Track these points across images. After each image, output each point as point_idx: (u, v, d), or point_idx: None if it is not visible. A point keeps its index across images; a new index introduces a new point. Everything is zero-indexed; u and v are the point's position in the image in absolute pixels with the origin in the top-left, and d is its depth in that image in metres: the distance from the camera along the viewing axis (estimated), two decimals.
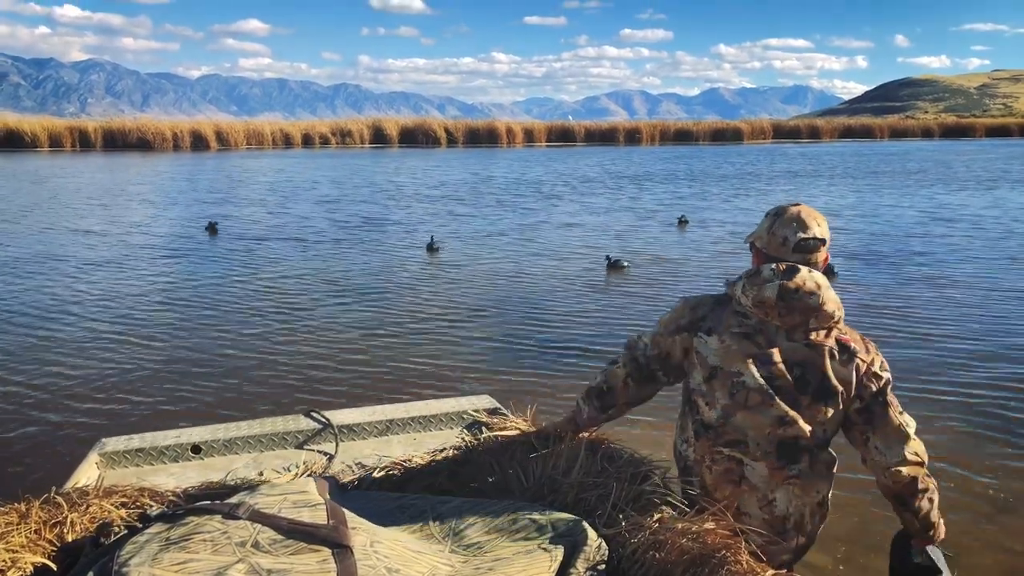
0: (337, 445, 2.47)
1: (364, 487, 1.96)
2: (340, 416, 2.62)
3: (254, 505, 1.50)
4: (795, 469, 1.79)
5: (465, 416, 2.66)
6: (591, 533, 1.61)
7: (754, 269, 1.84)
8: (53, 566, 1.50)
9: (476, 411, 2.65)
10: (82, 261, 9.47)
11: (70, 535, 1.59)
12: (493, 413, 2.61)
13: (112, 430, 3.87)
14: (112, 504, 1.72)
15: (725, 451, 1.81)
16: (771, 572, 1.46)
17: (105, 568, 1.37)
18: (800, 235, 1.82)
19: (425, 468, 2.01)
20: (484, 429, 2.29)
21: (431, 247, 10.20)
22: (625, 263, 8.88)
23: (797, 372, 1.77)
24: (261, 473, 2.21)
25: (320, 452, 2.44)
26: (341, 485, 1.88)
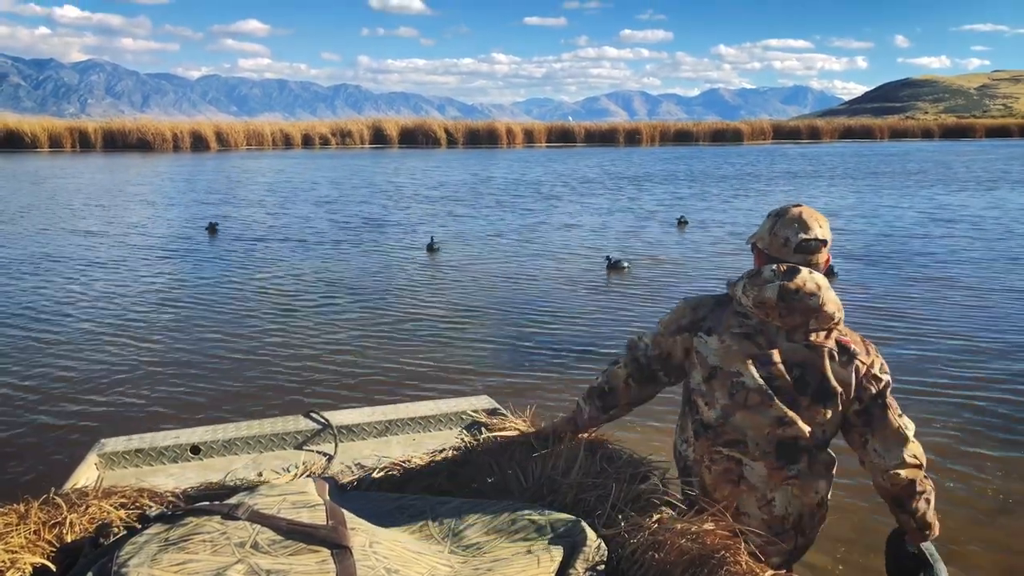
0: (336, 446, 2.47)
1: (363, 488, 1.95)
2: (339, 417, 2.62)
3: (253, 506, 1.50)
4: (794, 469, 1.79)
5: (464, 417, 2.66)
6: (590, 534, 1.61)
7: (755, 270, 1.84)
8: (52, 567, 1.50)
9: (475, 411, 2.65)
10: (82, 262, 9.48)
11: (69, 536, 1.59)
12: (492, 414, 2.61)
13: (111, 431, 3.87)
14: (111, 505, 1.71)
15: (724, 451, 1.81)
16: (770, 572, 1.46)
17: (104, 569, 1.37)
18: (801, 236, 1.82)
19: (424, 469, 2.01)
20: (483, 430, 2.28)
21: (431, 247, 10.20)
22: (625, 264, 8.88)
23: (797, 373, 1.77)
24: (260, 474, 2.21)
25: (319, 453, 2.44)
26: (340, 486, 1.88)
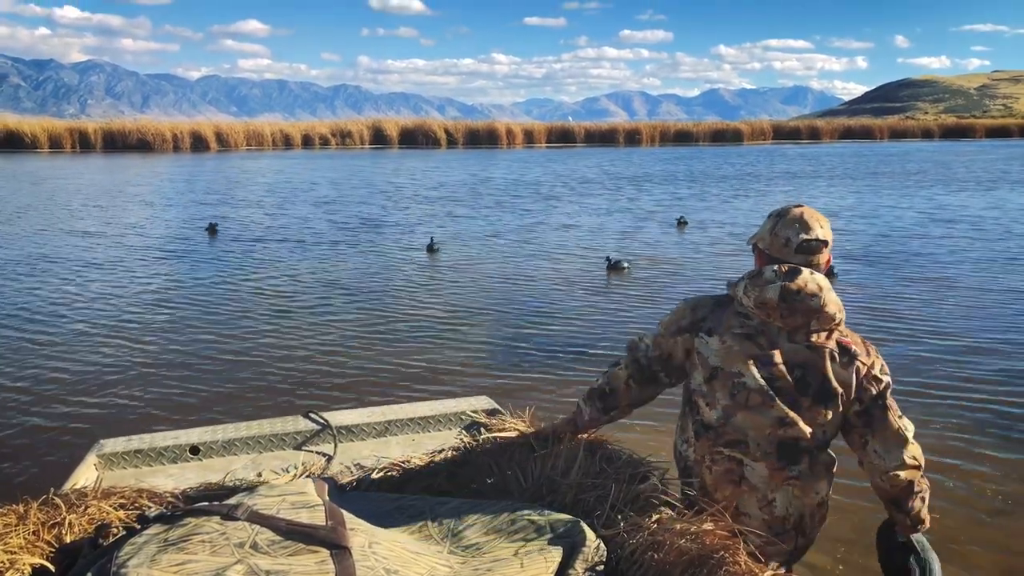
0: (336, 446, 2.47)
1: (363, 488, 1.95)
2: (339, 417, 2.62)
3: (252, 506, 1.50)
4: (795, 470, 1.79)
5: (464, 417, 2.66)
6: (589, 534, 1.61)
7: (756, 270, 1.84)
8: (51, 567, 1.50)
9: (475, 412, 2.65)
10: (81, 263, 9.48)
11: (68, 536, 1.59)
12: (492, 414, 2.61)
13: (111, 431, 3.86)
14: (110, 505, 1.71)
15: (725, 451, 1.81)
16: (769, 573, 1.46)
17: (103, 569, 1.37)
18: (802, 236, 1.81)
19: (424, 469, 2.01)
20: (483, 430, 2.28)
21: (431, 248, 10.20)
22: (625, 264, 8.88)
23: (798, 374, 1.77)
24: (260, 474, 2.21)
25: (319, 453, 2.44)
26: (340, 486, 1.88)
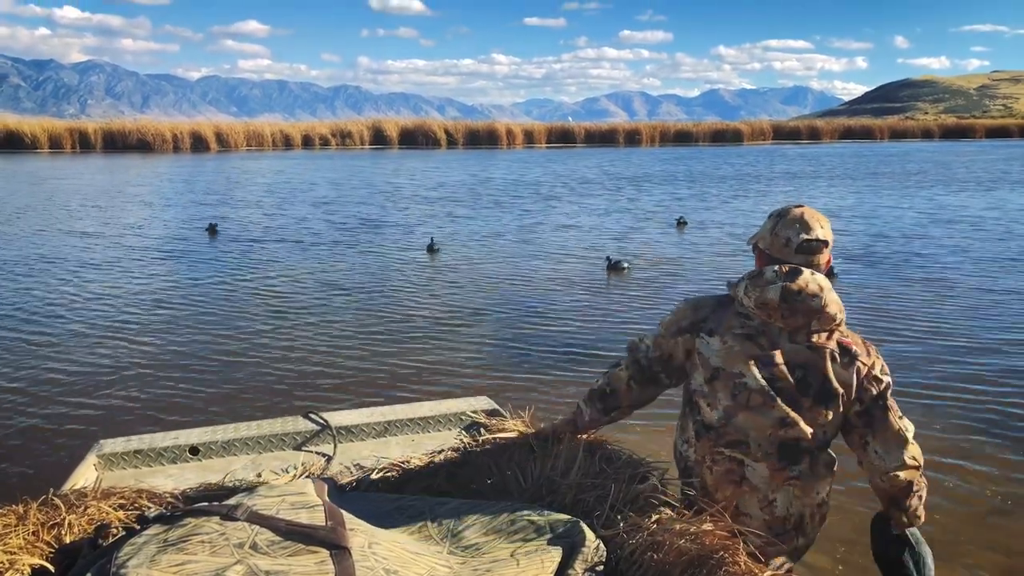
0: (335, 446, 2.47)
1: (362, 488, 1.95)
2: (338, 417, 2.62)
3: (252, 506, 1.50)
4: (796, 470, 1.80)
5: (463, 417, 2.66)
6: (589, 534, 1.61)
7: (757, 271, 1.83)
8: (51, 568, 1.49)
9: (474, 412, 2.65)
10: (80, 263, 9.48)
11: (68, 537, 1.59)
12: (491, 414, 2.61)
13: (110, 432, 3.86)
14: (110, 506, 1.71)
15: (726, 452, 1.81)
16: (769, 573, 1.46)
17: (103, 570, 1.37)
18: (803, 236, 1.81)
19: (423, 469, 2.01)
20: (482, 430, 2.28)
21: (431, 248, 10.21)
22: (625, 264, 8.88)
23: (799, 374, 1.77)
24: (259, 474, 2.20)
25: (318, 453, 2.44)
26: (339, 486, 1.88)
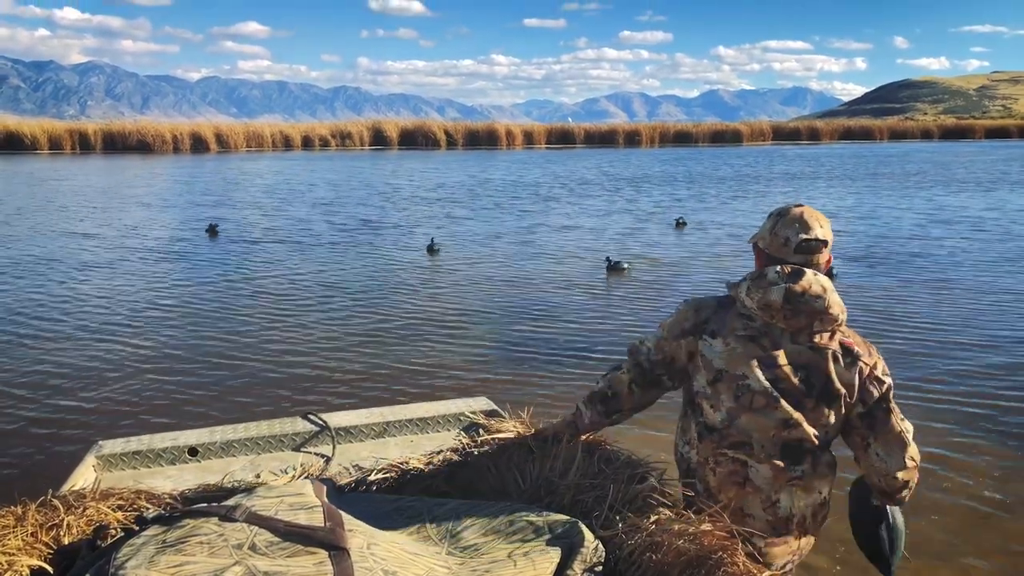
0: (334, 447, 2.47)
1: (361, 489, 1.95)
2: (337, 418, 2.62)
3: (251, 507, 1.50)
4: (798, 470, 1.80)
5: (462, 418, 2.66)
6: (588, 535, 1.61)
7: (758, 272, 1.82)
8: (50, 569, 1.49)
9: (473, 413, 2.65)
10: (80, 264, 9.48)
11: (67, 538, 1.59)
12: (490, 415, 2.60)
13: (109, 433, 3.86)
14: (109, 507, 1.71)
15: (730, 453, 1.81)
16: (768, 573, 1.46)
17: (102, 571, 1.37)
18: (802, 236, 1.81)
19: (422, 470, 2.00)
20: (481, 431, 2.28)
21: (431, 248, 10.21)
22: (625, 265, 8.89)
23: (801, 375, 1.77)
24: (258, 475, 2.20)
25: (317, 454, 2.44)
26: (338, 487, 1.88)
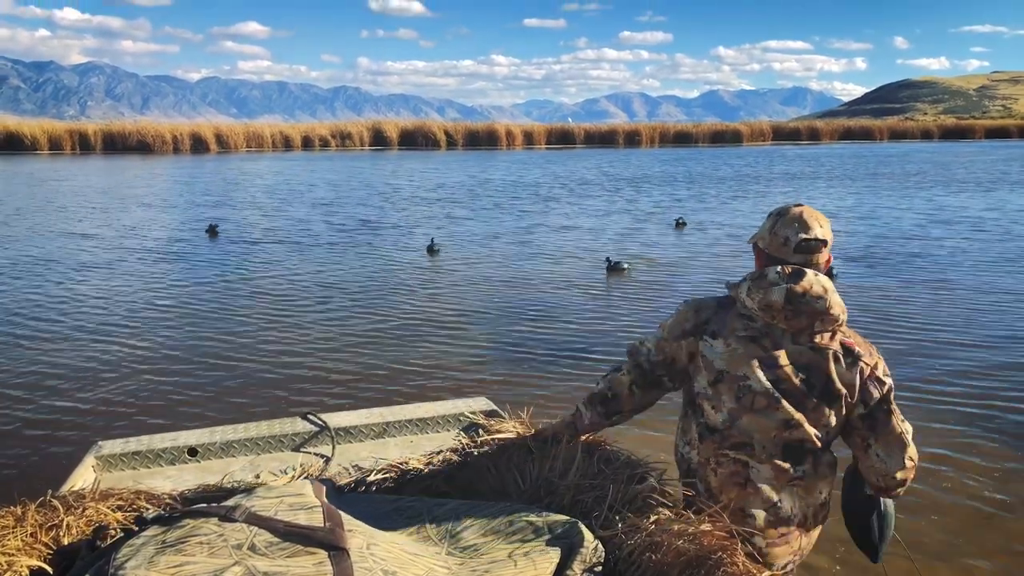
0: (334, 448, 2.47)
1: (361, 489, 1.95)
2: (337, 419, 2.62)
3: (250, 508, 1.50)
4: (799, 471, 1.80)
5: (462, 418, 2.66)
6: (587, 535, 1.61)
7: (758, 272, 1.82)
8: (49, 569, 1.49)
9: (473, 413, 2.65)
10: (79, 264, 9.48)
11: (66, 538, 1.59)
12: (490, 415, 2.60)
13: (108, 433, 3.87)
14: (108, 507, 1.71)
15: (731, 454, 1.81)
16: (768, 573, 1.46)
17: (101, 571, 1.37)
18: (802, 236, 1.80)
19: (422, 470, 2.01)
20: (481, 432, 2.28)
21: (431, 249, 10.21)
22: (625, 265, 8.89)
23: (802, 375, 1.77)
24: (258, 476, 2.20)
25: (317, 455, 2.44)
26: (338, 487, 1.88)
